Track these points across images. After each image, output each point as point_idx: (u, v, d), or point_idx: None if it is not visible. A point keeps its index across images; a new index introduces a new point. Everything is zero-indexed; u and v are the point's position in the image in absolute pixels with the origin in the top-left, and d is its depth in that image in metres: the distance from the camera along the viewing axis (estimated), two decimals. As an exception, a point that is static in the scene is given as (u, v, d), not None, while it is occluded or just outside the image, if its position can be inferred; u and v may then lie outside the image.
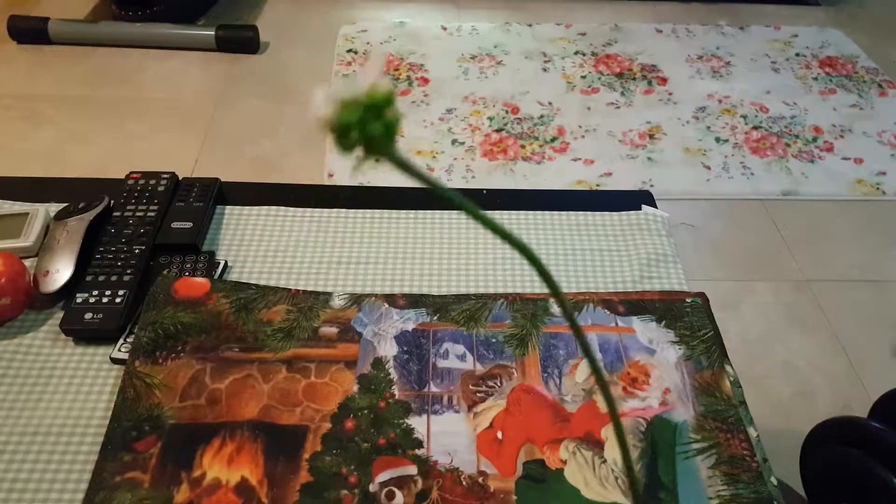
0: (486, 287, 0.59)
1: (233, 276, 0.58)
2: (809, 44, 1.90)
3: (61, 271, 0.54)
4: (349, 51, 1.41)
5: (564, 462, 0.46)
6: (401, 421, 0.48)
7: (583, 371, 0.51)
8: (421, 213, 0.65)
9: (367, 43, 1.49)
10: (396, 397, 0.49)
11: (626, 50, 1.86)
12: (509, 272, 0.60)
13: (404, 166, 0.19)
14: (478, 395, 0.50)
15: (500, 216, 0.67)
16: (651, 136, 1.68)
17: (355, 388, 0.49)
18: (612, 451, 0.46)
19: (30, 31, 1.35)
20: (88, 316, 0.52)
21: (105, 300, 0.53)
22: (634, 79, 1.56)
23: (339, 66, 1.35)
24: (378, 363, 0.51)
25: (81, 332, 0.52)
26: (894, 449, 0.83)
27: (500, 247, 0.61)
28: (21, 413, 0.48)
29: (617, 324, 0.54)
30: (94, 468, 0.44)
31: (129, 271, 0.55)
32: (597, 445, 0.47)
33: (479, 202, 0.19)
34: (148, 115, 0.82)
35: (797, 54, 1.74)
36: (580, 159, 1.60)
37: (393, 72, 1.67)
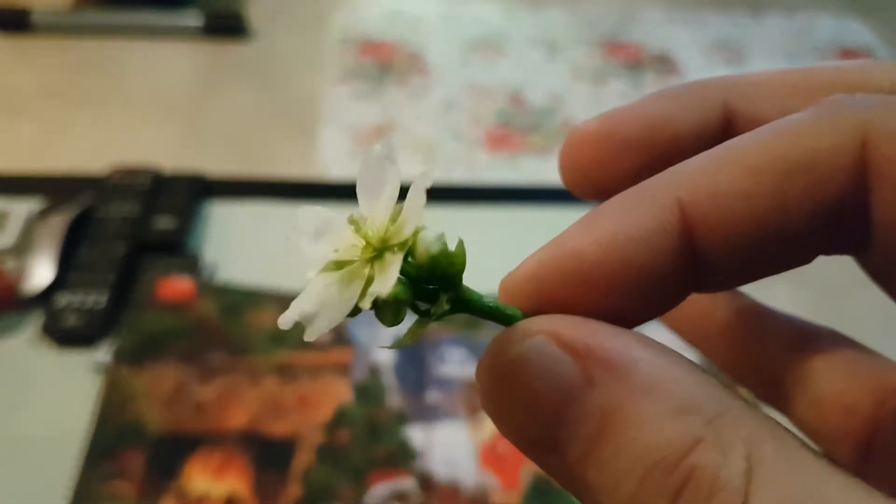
0: (489, 288, 0.56)
1: (220, 277, 0.56)
2: (826, 34, 1.87)
3: (42, 272, 0.52)
4: (344, 38, 1.38)
5: (571, 475, 0.44)
6: (398, 431, 0.46)
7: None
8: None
9: (363, 30, 1.46)
10: (394, 406, 0.47)
11: (636, 39, 1.82)
12: (513, 271, 0.58)
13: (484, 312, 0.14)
14: (479, 402, 0.48)
15: (505, 212, 0.64)
16: (659, 128, 1.66)
17: (350, 396, 0.47)
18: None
19: (11, 21, 1.32)
20: (70, 318, 0.50)
21: (87, 302, 0.51)
22: (645, 69, 1.52)
23: (333, 55, 1.33)
24: (374, 370, 0.49)
25: (63, 336, 0.50)
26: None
27: (503, 247, 0.59)
28: (0, 420, 0.46)
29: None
30: (76, 478, 0.42)
31: (111, 272, 0.53)
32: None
33: (484, 196, 0.14)
34: (132, 106, 0.79)
35: (814, 47, 1.70)
36: (586, 151, 1.58)
37: (390, 61, 1.64)
